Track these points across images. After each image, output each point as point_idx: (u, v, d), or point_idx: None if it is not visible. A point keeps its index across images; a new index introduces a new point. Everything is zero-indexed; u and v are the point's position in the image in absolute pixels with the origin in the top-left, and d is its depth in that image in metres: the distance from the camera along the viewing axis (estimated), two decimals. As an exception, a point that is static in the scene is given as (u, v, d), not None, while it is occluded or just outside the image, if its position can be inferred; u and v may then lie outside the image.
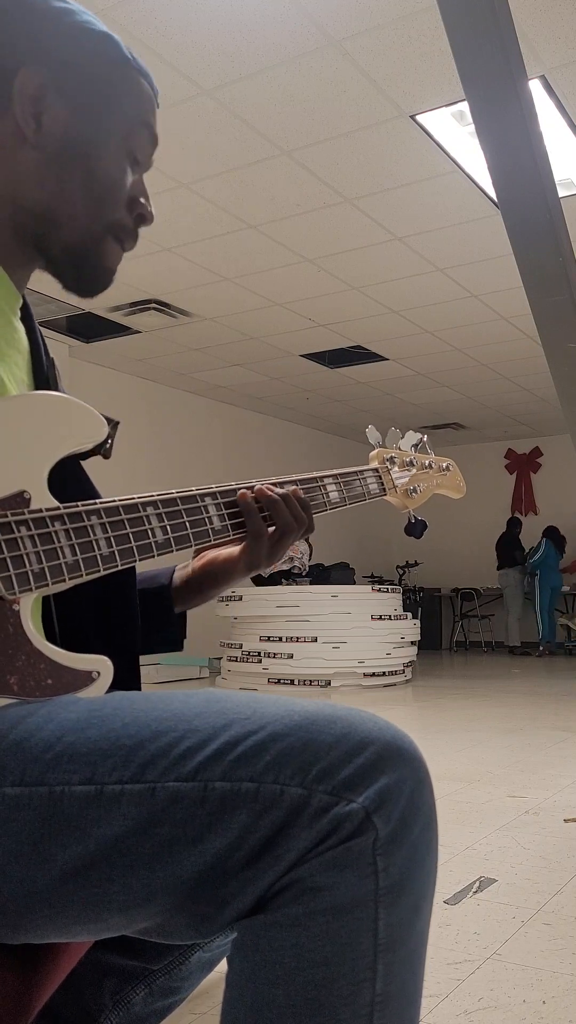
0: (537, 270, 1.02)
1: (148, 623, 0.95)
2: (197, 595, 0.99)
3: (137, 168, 0.88)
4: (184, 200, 4.79)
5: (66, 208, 0.82)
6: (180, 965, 0.89)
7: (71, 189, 0.82)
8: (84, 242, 0.84)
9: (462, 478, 1.22)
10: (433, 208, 4.94)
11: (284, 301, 6.41)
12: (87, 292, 0.88)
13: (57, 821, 0.61)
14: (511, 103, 0.95)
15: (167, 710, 0.65)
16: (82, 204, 0.83)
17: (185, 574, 1.00)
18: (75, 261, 0.85)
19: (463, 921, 1.82)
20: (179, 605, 1.00)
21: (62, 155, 0.82)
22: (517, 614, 10.46)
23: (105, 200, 0.84)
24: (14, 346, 0.83)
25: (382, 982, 0.61)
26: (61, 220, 0.82)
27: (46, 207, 0.82)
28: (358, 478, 1.03)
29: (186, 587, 0.99)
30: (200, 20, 3.36)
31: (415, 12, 3.30)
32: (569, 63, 3.64)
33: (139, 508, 0.78)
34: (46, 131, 0.81)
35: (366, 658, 6.56)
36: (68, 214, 0.82)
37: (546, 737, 4.16)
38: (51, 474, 0.73)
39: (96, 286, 0.88)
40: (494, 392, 9.13)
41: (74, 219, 0.83)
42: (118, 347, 7.51)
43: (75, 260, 0.85)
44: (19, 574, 0.68)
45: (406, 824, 0.61)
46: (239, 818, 0.60)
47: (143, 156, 0.88)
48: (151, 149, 0.89)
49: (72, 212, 0.83)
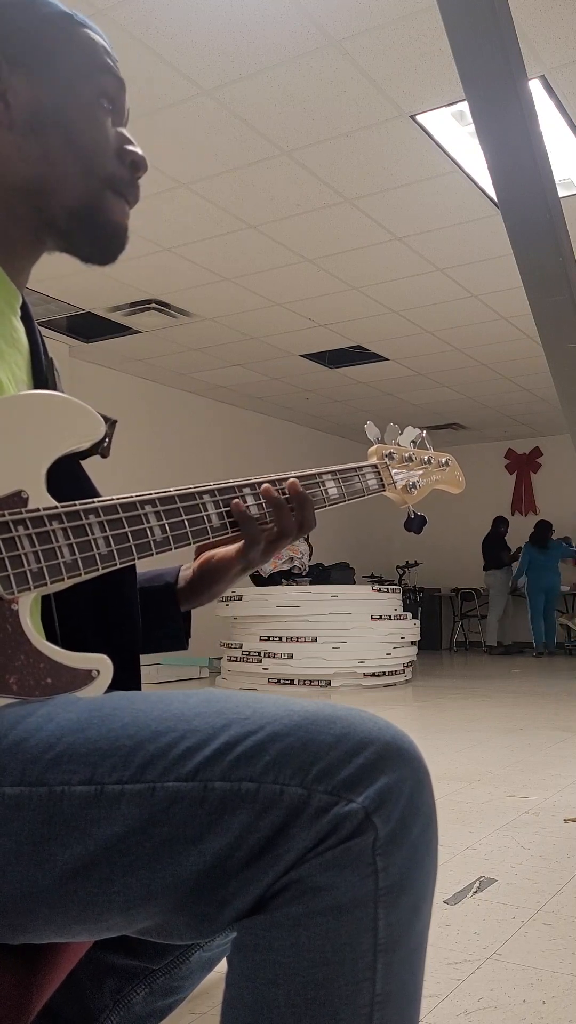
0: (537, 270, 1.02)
1: (153, 621, 0.95)
2: (198, 595, 0.99)
3: (113, 116, 0.86)
4: (184, 200, 4.79)
5: (56, 173, 0.82)
6: (180, 965, 0.89)
7: (55, 154, 0.81)
8: (84, 201, 0.83)
9: (461, 473, 1.22)
10: (433, 208, 4.94)
11: (284, 301, 6.41)
12: (105, 253, 0.86)
13: (57, 821, 0.61)
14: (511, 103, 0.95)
15: (167, 710, 0.65)
16: (71, 164, 0.82)
17: (188, 574, 1.00)
18: (82, 223, 0.84)
19: (463, 921, 1.82)
20: (183, 604, 1.00)
21: (35, 125, 0.81)
22: (498, 614, 10.42)
23: (92, 154, 0.83)
24: (14, 346, 0.83)
25: (382, 982, 0.61)
26: (54, 186, 0.82)
27: (36, 179, 0.81)
28: (357, 474, 1.03)
29: (189, 587, 1.00)
30: (200, 20, 3.36)
31: (415, 12, 3.30)
32: (569, 63, 3.64)
33: (137, 507, 0.78)
34: (12, 106, 0.80)
35: (366, 658, 6.56)
36: (59, 178, 0.82)
37: (546, 737, 4.16)
38: (49, 473, 0.73)
39: (112, 244, 0.86)
40: (494, 392, 9.13)
41: (67, 180, 0.82)
42: (118, 347, 7.51)
43: (82, 222, 0.84)
44: (17, 574, 0.68)
45: (406, 824, 0.61)
46: (239, 818, 0.60)
47: (115, 103, 0.86)
48: (120, 94, 0.87)
49: (63, 174, 0.82)
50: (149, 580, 0.99)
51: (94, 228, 0.84)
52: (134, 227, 0.90)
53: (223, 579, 0.97)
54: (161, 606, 0.98)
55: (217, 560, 0.97)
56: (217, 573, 0.97)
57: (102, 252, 0.86)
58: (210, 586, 0.98)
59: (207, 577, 0.98)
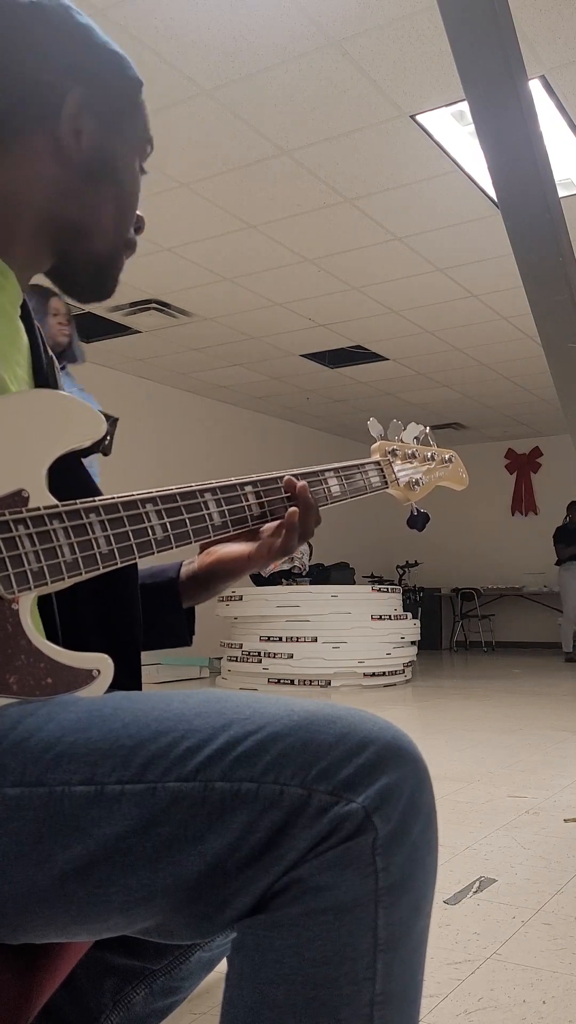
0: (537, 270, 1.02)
1: (156, 618, 0.95)
2: (203, 591, 0.98)
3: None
4: (184, 200, 4.79)
5: (98, 222, 0.86)
6: (180, 965, 0.89)
7: (104, 204, 0.86)
8: (109, 254, 0.88)
9: (465, 470, 1.21)
10: (433, 208, 4.94)
11: (284, 301, 6.41)
12: (95, 299, 0.92)
13: (57, 821, 0.61)
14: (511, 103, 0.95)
15: (167, 710, 0.65)
16: (109, 220, 0.87)
17: (191, 569, 0.99)
18: (98, 271, 0.89)
19: (463, 921, 1.82)
20: (186, 600, 0.99)
21: (96, 171, 0.85)
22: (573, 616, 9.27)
23: (129, 215, 0.89)
24: (16, 345, 0.83)
25: (382, 981, 0.61)
26: (92, 232, 0.86)
27: (79, 220, 0.86)
28: (359, 471, 1.03)
29: (193, 582, 0.99)
30: (200, 20, 3.36)
31: (415, 12, 3.30)
32: (569, 63, 3.64)
33: (138, 505, 0.78)
34: (84, 148, 0.84)
35: (366, 658, 6.56)
36: (99, 227, 0.87)
37: (546, 737, 4.16)
38: (50, 472, 0.73)
39: (105, 294, 0.91)
40: (494, 392, 9.13)
41: (104, 232, 0.87)
42: (118, 347, 7.51)
43: (98, 270, 0.89)
44: (18, 573, 0.68)
45: (406, 824, 0.61)
46: (239, 818, 0.60)
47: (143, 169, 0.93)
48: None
49: (102, 226, 0.87)
50: (151, 576, 0.98)
51: (102, 279, 0.90)
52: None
53: (233, 578, 0.97)
54: (163, 603, 0.97)
55: (229, 561, 0.96)
56: (227, 574, 0.96)
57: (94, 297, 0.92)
58: (217, 584, 0.98)
59: (219, 576, 0.97)
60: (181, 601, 0.98)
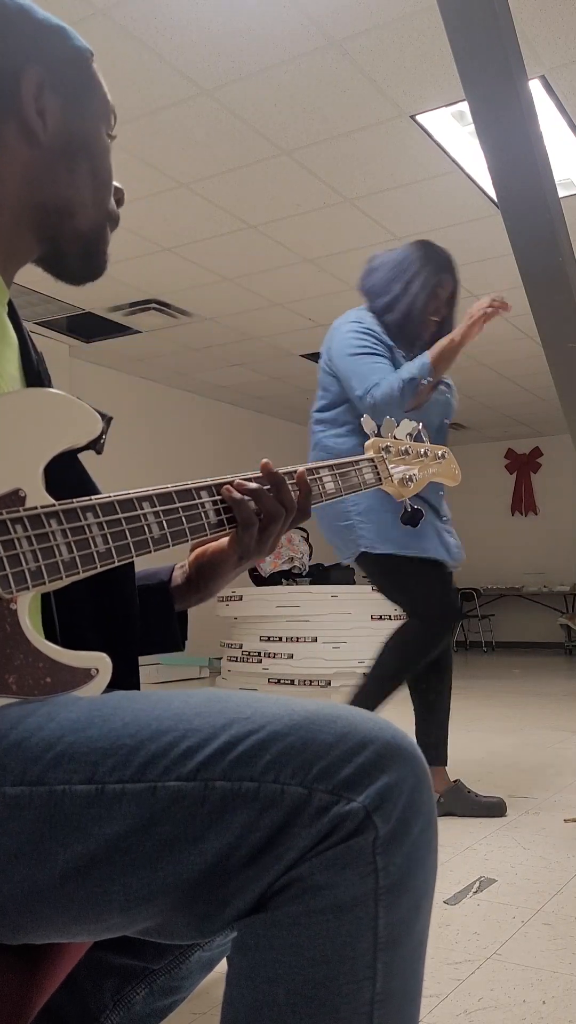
0: (537, 270, 1.02)
1: (148, 621, 0.95)
2: (194, 592, 0.98)
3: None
4: (184, 200, 4.79)
5: (78, 199, 0.86)
6: (180, 964, 0.89)
7: (81, 180, 0.86)
8: (94, 230, 0.88)
9: (457, 466, 1.22)
10: (433, 208, 4.94)
11: (284, 301, 6.41)
12: (89, 278, 0.91)
13: (58, 821, 0.61)
14: (511, 103, 0.95)
15: (168, 709, 0.65)
16: (89, 193, 0.87)
17: (182, 572, 0.99)
18: (86, 249, 0.89)
19: (463, 921, 1.82)
20: (179, 604, 0.99)
21: (68, 148, 0.85)
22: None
23: (107, 187, 0.89)
24: (5, 341, 0.83)
25: (382, 981, 0.61)
26: (75, 211, 0.86)
27: (60, 201, 0.85)
28: (354, 468, 1.03)
29: (185, 584, 0.99)
30: (200, 20, 3.36)
31: (415, 12, 3.30)
32: (569, 63, 3.64)
33: (135, 504, 0.78)
34: (51, 127, 0.83)
35: (366, 658, 6.53)
36: (80, 204, 0.86)
37: (546, 737, 4.16)
38: (47, 471, 0.73)
39: (98, 271, 0.91)
40: (494, 392, 9.12)
41: (85, 208, 0.87)
42: (118, 347, 7.51)
43: (86, 248, 0.88)
44: (15, 573, 0.68)
45: (406, 823, 0.61)
46: (240, 817, 0.60)
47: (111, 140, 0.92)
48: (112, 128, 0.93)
49: (83, 202, 0.86)
50: (143, 579, 0.98)
51: (92, 256, 0.90)
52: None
53: (221, 574, 0.95)
54: (156, 606, 0.97)
55: (212, 553, 0.95)
56: (214, 568, 0.95)
57: (87, 276, 0.91)
58: (208, 582, 0.97)
59: (204, 573, 0.97)
60: (173, 603, 0.98)
